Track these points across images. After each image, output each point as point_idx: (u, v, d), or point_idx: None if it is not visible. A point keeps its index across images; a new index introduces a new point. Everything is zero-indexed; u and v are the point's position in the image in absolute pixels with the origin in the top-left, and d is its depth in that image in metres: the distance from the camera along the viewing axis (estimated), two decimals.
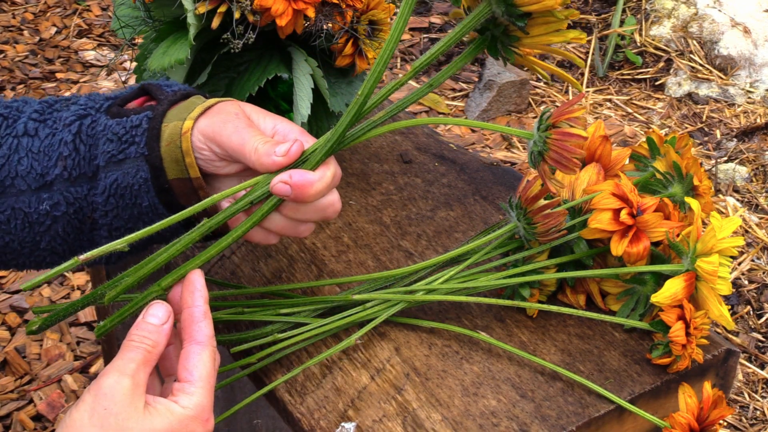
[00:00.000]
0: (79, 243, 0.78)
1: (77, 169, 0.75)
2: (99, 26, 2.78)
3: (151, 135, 0.74)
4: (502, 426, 0.73)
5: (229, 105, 0.76)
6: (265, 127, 0.76)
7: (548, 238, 0.79)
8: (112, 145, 0.75)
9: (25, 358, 1.67)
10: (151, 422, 0.64)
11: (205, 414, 0.66)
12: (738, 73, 2.52)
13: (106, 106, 0.78)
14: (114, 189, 0.75)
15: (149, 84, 0.79)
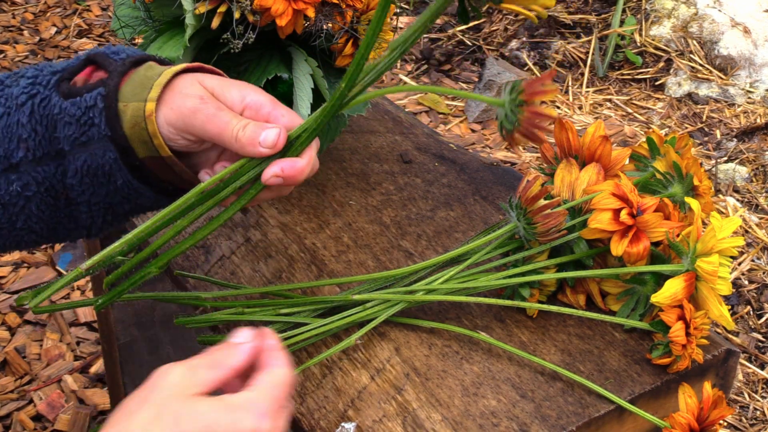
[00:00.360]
0: (56, 219, 0.77)
1: (40, 150, 0.74)
2: (99, 26, 2.78)
3: (109, 114, 0.73)
4: (502, 426, 0.73)
5: (189, 85, 0.73)
6: (233, 101, 0.74)
7: (548, 238, 0.79)
8: (72, 128, 0.73)
9: (25, 358, 1.67)
10: (195, 405, 0.61)
11: (260, 409, 0.62)
12: (738, 73, 2.52)
13: (54, 81, 0.76)
14: (85, 170, 0.74)
15: (95, 53, 0.77)
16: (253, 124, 0.72)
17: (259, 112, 0.73)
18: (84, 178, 0.74)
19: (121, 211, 0.77)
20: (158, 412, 0.61)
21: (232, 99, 0.74)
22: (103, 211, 0.76)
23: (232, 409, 0.61)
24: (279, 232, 0.95)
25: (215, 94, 0.74)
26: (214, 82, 0.74)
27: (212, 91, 0.74)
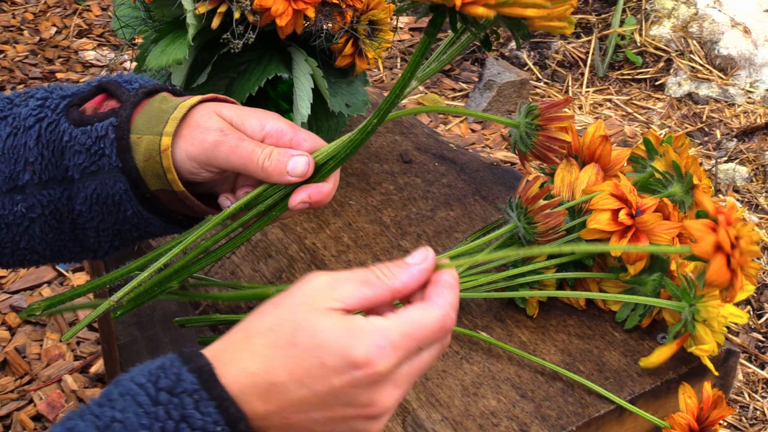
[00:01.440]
0: (61, 242, 0.77)
1: (46, 173, 0.74)
2: (99, 26, 2.78)
3: (120, 146, 0.72)
4: (502, 426, 0.73)
5: (207, 118, 0.72)
6: (253, 130, 0.73)
7: (548, 238, 0.79)
8: (82, 157, 0.73)
9: (25, 358, 1.67)
10: (318, 320, 0.58)
11: (382, 341, 0.57)
12: (738, 73, 2.52)
13: (64, 106, 0.75)
14: (95, 198, 0.73)
15: (107, 81, 0.76)
16: (277, 151, 0.71)
17: (281, 140, 0.73)
18: (93, 206, 0.74)
19: (129, 238, 0.77)
20: (283, 318, 0.59)
21: (251, 128, 0.73)
22: (111, 237, 0.76)
23: (352, 332, 0.58)
24: (279, 232, 0.95)
25: (234, 124, 0.73)
26: (231, 112, 0.74)
27: (230, 121, 0.73)
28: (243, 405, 0.58)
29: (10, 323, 1.75)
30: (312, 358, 0.58)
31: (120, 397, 0.57)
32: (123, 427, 0.55)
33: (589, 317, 0.84)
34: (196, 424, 0.56)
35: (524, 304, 0.84)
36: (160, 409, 0.56)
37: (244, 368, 0.59)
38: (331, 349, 0.57)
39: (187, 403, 0.57)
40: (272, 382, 0.58)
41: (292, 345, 0.58)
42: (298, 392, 0.58)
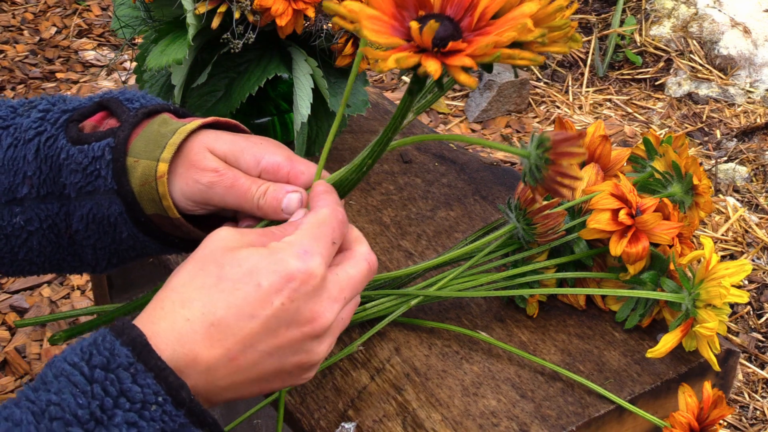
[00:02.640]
0: (60, 256, 0.76)
1: (44, 188, 0.73)
2: (99, 26, 2.78)
3: (116, 168, 0.71)
4: (502, 426, 0.73)
5: (201, 155, 0.71)
6: (248, 166, 0.72)
7: (547, 239, 0.79)
8: (78, 176, 0.72)
9: (25, 358, 1.67)
10: (238, 253, 0.61)
11: (302, 248, 0.61)
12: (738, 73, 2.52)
13: (64, 121, 0.74)
14: (91, 218, 0.73)
15: (109, 99, 0.75)
16: (272, 188, 0.70)
17: (277, 175, 0.71)
18: (90, 225, 0.73)
19: (127, 257, 0.76)
20: (203, 264, 0.61)
21: (246, 164, 0.72)
22: (109, 255, 0.75)
23: (273, 251, 0.61)
24: None
25: (228, 161, 0.72)
26: (226, 148, 0.72)
27: (225, 159, 0.72)
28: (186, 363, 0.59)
29: (10, 323, 1.75)
30: (245, 284, 0.59)
31: (54, 379, 0.57)
32: (60, 409, 0.55)
33: (589, 317, 0.84)
34: (135, 397, 0.56)
35: (524, 304, 0.84)
36: (96, 387, 0.56)
37: (180, 317, 0.59)
38: (261, 270, 0.60)
39: (124, 378, 0.56)
40: (211, 323, 0.59)
41: (222, 279, 0.60)
42: (240, 325, 0.59)
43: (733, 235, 2.01)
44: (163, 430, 0.57)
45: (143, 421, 0.56)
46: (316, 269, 0.61)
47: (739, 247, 1.98)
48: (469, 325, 0.83)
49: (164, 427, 0.57)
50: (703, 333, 0.74)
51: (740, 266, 0.74)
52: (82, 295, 1.81)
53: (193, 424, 0.58)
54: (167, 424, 0.57)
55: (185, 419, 0.58)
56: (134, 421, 0.56)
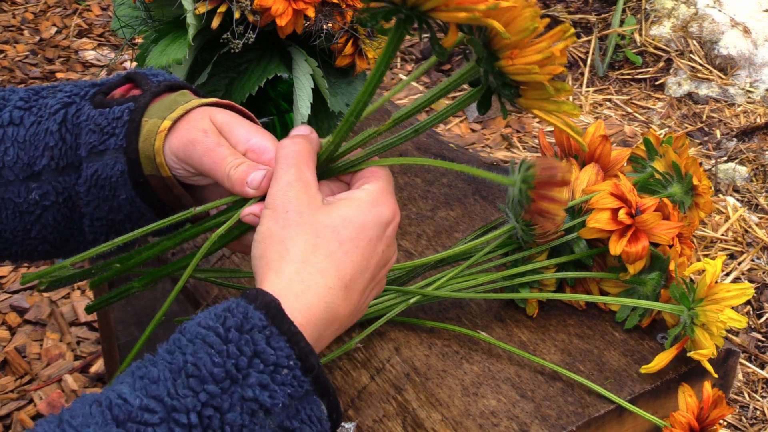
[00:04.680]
0: (69, 231, 0.77)
1: (64, 159, 0.75)
2: (99, 26, 2.78)
3: (130, 128, 0.73)
4: (502, 426, 0.73)
5: (200, 116, 0.73)
6: (238, 138, 0.73)
7: (546, 239, 0.79)
8: (94, 136, 0.74)
9: (25, 358, 1.67)
10: (340, 211, 0.66)
11: (389, 197, 0.68)
12: (738, 73, 2.52)
13: (92, 93, 0.76)
14: (94, 180, 0.74)
15: (135, 72, 0.78)
16: (246, 164, 0.71)
17: (262, 157, 0.72)
18: (91, 188, 0.75)
19: (122, 230, 0.77)
20: (316, 231, 0.65)
21: (237, 137, 0.73)
22: (106, 228, 0.76)
23: (371, 204, 0.67)
24: None
25: (222, 130, 0.73)
26: (225, 118, 0.74)
27: (220, 127, 0.73)
28: (326, 326, 0.63)
29: (11, 323, 1.75)
30: (361, 241, 0.66)
31: (189, 342, 0.59)
32: (196, 369, 0.57)
33: (589, 317, 0.84)
34: (269, 359, 0.59)
35: (524, 304, 0.84)
36: (231, 347, 0.58)
37: (323, 287, 0.63)
38: (370, 224, 0.66)
39: (258, 339, 0.59)
40: (345, 285, 0.65)
41: (342, 243, 0.65)
42: (361, 279, 0.66)
43: (733, 235, 2.01)
44: (291, 396, 0.59)
45: (275, 385, 0.58)
46: (398, 214, 0.69)
47: (739, 247, 1.98)
48: (469, 325, 0.83)
49: (293, 392, 0.59)
50: (697, 358, 0.74)
51: (742, 290, 0.74)
52: (82, 294, 1.81)
53: (315, 392, 0.61)
54: (296, 389, 0.59)
55: (311, 386, 0.60)
56: (266, 383, 0.58)
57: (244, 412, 0.57)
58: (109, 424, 0.55)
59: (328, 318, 0.63)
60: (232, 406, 0.57)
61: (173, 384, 0.57)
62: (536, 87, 0.62)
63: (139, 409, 0.55)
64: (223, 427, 0.56)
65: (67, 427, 0.55)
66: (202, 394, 0.56)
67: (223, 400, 0.57)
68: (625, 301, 0.80)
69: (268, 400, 0.58)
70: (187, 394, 0.56)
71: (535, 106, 0.63)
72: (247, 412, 0.57)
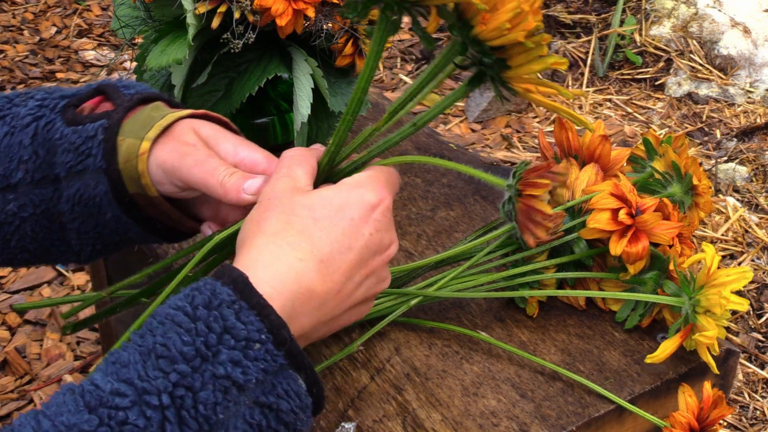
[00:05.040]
0: (50, 242, 0.77)
1: (39, 173, 0.74)
2: (99, 26, 2.78)
3: (107, 147, 0.72)
4: (502, 426, 0.73)
5: (185, 131, 0.73)
6: (226, 152, 0.73)
7: (546, 239, 0.79)
8: (70, 155, 0.73)
9: (25, 358, 1.67)
10: (319, 193, 0.66)
11: (377, 183, 0.67)
12: (738, 73, 2.52)
13: (62, 106, 0.75)
14: (77, 199, 0.73)
15: (106, 84, 0.77)
16: (240, 173, 0.71)
17: (253, 169, 0.72)
18: (75, 207, 0.74)
19: (110, 242, 0.77)
20: (291, 210, 0.64)
21: (225, 151, 0.73)
22: (92, 240, 0.76)
23: (354, 187, 0.66)
24: None
25: (209, 144, 0.73)
26: (209, 132, 0.73)
27: (206, 141, 0.73)
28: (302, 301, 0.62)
29: (11, 323, 1.75)
30: (340, 219, 0.64)
31: (159, 324, 0.58)
32: (166, 349, 0.57)
33: (589, 317, 0.84)
34: (239, 334, 0.57)
35: (524, 304, 0.84)
36: (200, 324, 0.57)
37: (293, 258, 0.62)
38: (350, 204, 0.65)
39: (227, 315, 0.58)
40: (321, 259, 0.63)
41: (318, 219, 0.64)
42: (342, 258, 0.64)
43: (733, 235, 2.01)
44: (265, 371, 0.58)
45: (247, 360, 0.57)
46: (390, 202, 0.67)
47: (739, 247, 1.98)
48: (469, 325, 0.83)
49: (266, 367, 0.58)
50: (702, 341, 0.74)
51: (741, 273, 0.74)
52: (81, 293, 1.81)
53: (290, 367, 0.59)
54: (269, 363, 0.58)
55: (284, 360, 0.59)
56: (238, 360, 0.57)
57: (216, 389, 0.56)
58: (81, 411, 0.54)
59: (300, 291, 0.61)
60: (203, 384, 0.56)
61: (143, 366, 0.56)
62: (516, 51, 0.62)
63: (110, 394, 0.55)
64: (196, 406, 0.55)
65: (41, 417, 0.55)
66: (172, 375, 0.56)
67: (194, 379, 0.56)
68: (625, 296, 0.80)
69: (240, 377, 0.57)
70: (157, 376, 0.56)
71: (524, 74, 0.63)
72: (219, 389, 0.56)
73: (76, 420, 0.54)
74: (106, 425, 0.54)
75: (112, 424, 0.54)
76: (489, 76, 0.65)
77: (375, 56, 0.66)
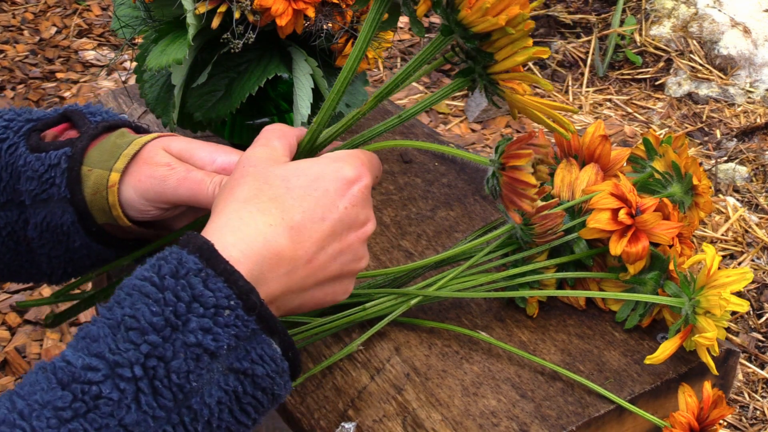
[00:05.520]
0: (18, 263, 0.76)
1: (4, 195, 0.74)
2: (99, 26, 2.78)
3: (71, 177, 0.72)
4: (502, 426, 0.73)
5: (155, 152, 0.72)
6: (203, 161, 0.72)
7: (546, 239, 0.79)
8: (33, 183, 0.72)
9: (25, 358, 1.67)
10: (297, 164, 0.65)
11: (356, 161, 0.66)
12: (738, 73, 2.52)
13: (27, 129, 0.75)
14: (45, 226, 0.73)
15: (72, 110, 0.76)
16: (227, 178, 0.70)
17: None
18: (44, 234, 0.74)
19: (82, 265, 0.76)
20: (265, 178, 0.64)
21: (201, 160, 0.72)
22: (64, 264, 0.76)
23: (333, 160, 0.66)
24: None
25: (183, 157, 0.72)
26: (180, 145, 0.73)
27: (179, 155, 0.73)
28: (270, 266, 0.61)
29: (11, 323, 1.75)
30: (314, 190, 0.63)
31: (127, 296, 0.58)
32: (135, 320, 0.56)
33: (589, 317, 0.84)
34: (208, 302, 0.57)
35: (524, 304, 0.84)
36: (168, 294, 0.57)
37: (262, 223, 0.61)
38: (326, 176, 0.64)
39: (195, 283, 0.57)
40: (291, 226, 0.62)
41: (291, 189, 0.63)
42: (315, 227, 0.63)
43: (733, 235, 2.01)
44: (237, 337, 0.58)
45: (218, 327, 0.57)
46: (368, 180, 0.66)
47: (739, 247, 1.98)
48: (469, 325, 0.83)
49: (238, 332, 0.58)
50: (701, 343, 0.74)
51: (742, 275, 0.74)
52: None
53: (263, 331, 0.59)
54: (240, 329, 0.58)
55: (256, 325, 0.59)
56: (209, 327, 0.57)
57: (188, 358, 0.56)
58: (54, 388, 0.54)
59: (269, 255, 0.61)
60: (175, 353, 0.56)
61: (113, 339, 0.56)
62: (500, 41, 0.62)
63: (82, 369, 0.55)
64: (168, 375, 0.55)
65: (15, 397, 0.55)
66: (143, 346, 0.55)
67: (165, 348, 0.56)
68: (625, 296, 0.80)
69: (211, 344, 0.56)
70: (128, 348, 0.55)
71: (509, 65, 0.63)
72: (191, 357, 0.56)
73: (50, 397, 0.54)
74: (80, 400, 0.54)
75: (86, 399, 0.54)
76: (477, 73, 0.65)
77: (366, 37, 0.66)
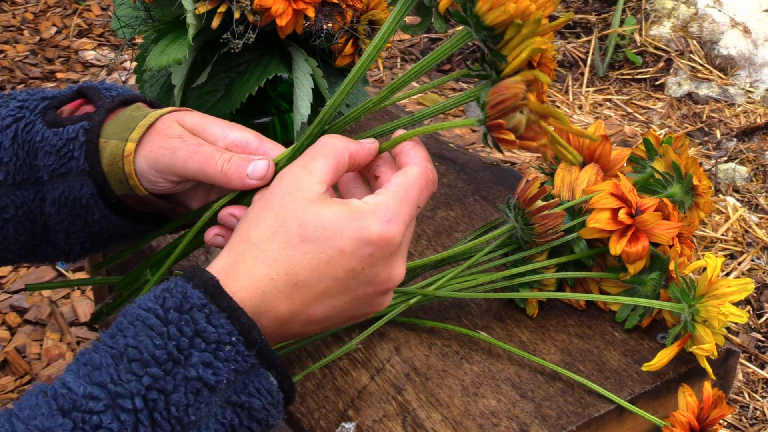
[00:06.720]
0: (35, 242, 0.76)
1: (20, 174, 0.74)
2: (99, 26, 2.78)
3: (89, 149, 0.71)
4: (502, 426, 0.73)
5: (169, 125, 0.72)
6: (215, 136, 0.72)
7: (546, 239, 0.79)
8: (51, 158, 0.72)
9: (25, 358, 1.67)
10: (319, 209, 0.62)
11: (387, 214, 0.62)
12: (738, 73, 2.52)
13: (42, 107, 0.75)
14: (63, 201, 0.73)
15: (87, 87, 0.76)
16: (238, 156, 0.69)
17: (246, 150, 0.71)
18: (62, 209, 0.74)
19: (99, 239, 0.76)
20: (283, 218, 0.62)
21: (213, 135, 0.72)
22: (82, 239, 0.76)
23: (358, 215, 0.62)
24: None
25: (196, 131, 0.72)
26: (194, 119, 0.73)
27: (192, 129, 0.72)
28: (265, 310, 0.61)
29: (10, 323, 1.75)
30: (329, 248, 0.61)
31: (130, 325, 0.58)
32: (138, 352, 0.57)
33: (589, 317, 0.84)
34: (210, 337, 0.58)
35: (524, 304, 0.84)
36: (172, 328, 0.58)
37: (264, 275, 0.61)
38: (344, 234, 0.61)
39: (198, 319, 0.58)
40: (294, 283, 0.61)
41: (305, 241, 0.61)
42: (321, 285, 0.62)
43: (733, 235, 2.01)
44: (237, 371, 0.58)
45: (218, 362, 0.58)
46: (397, 237, 0.62)
47: (739, 247, 1.98)
48: (469, 325, 0.83)
49: (237, 367, 0.58)
50: (699, 353, 0.74)
51: (742, 285, 0.73)
52: (82, 295, 1.81)
53: (262, 365, 0.60)
54: (240, 364, 0.59)
55: (256, 360, 0.59)
56: (209, 362, 0.57)
57: (188, 391, 0.57)
58: (55, 415, 0.55)
59: (264, 308, 0.61)
60: (176, 387, 0.56)
61: (116, 369, 0.56)
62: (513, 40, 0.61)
63: (83, 397, 0.55)
64: (168, 408, 0.56)
65: (15, 420, 0.55)
66: (145, 378, 0.56)
67: (166, 382, 0.56)
68: (625, 300, 0.80)
69: (212, 378, 0.57)
70: (130, 379, 0.56)
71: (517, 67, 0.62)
72: (191, 391, 0.57)
73: (50, 424, 0.54)
74: (80, 429, 0.54)
75: (86, 428, 0.54)
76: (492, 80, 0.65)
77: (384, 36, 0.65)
